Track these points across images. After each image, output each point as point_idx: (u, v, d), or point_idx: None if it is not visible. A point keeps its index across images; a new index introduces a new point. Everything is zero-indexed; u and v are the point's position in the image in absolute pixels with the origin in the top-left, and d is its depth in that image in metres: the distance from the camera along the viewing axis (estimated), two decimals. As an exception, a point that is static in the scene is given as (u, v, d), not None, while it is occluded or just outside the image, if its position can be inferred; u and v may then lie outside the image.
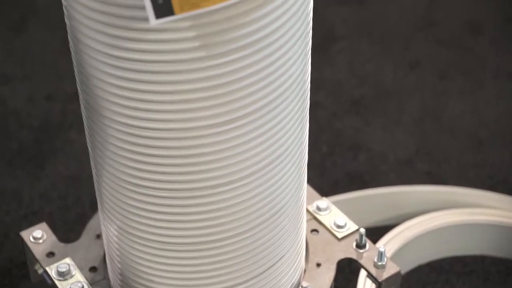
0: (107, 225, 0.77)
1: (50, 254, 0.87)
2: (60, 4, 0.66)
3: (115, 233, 0.76)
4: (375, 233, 1.08)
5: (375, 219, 1.14)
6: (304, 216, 0.82)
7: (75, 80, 0.73)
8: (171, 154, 0.66)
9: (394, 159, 1.26)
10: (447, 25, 1.50)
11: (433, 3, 1.55)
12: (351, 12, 1.53)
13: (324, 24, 1.50)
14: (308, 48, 0.72)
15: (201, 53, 0.61)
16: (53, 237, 0.88)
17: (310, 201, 0.92)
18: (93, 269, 0.86)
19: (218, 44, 0.61)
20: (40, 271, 0.88)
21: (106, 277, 0.85)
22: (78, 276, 0.83)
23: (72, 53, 0.69)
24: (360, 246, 0.87)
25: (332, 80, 1.40)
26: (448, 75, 1.40)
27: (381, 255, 0.85)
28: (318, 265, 0.86)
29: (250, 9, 0.61)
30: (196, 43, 0.61)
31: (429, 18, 1.52)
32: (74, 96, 1.34)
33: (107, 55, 0.63)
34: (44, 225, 0.90)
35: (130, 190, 0.70)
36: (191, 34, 0.60)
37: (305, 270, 0.86)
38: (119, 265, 0.79)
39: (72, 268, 0.83)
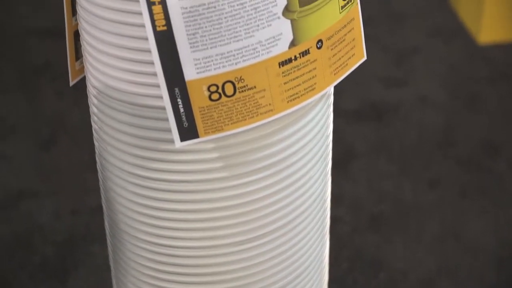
0: None
1: None
2: (88, 122, 0.69)
3: None
4: None
5: None
6: (325, 336, 0.81)
7: (100, 194, 0.75)
8: (193, 272, 0.67)
9: (415, 278, 1.25)
10: (466, 145, 1.52)
11: (451, 123, 1.58)
12: (370, 130, 1.57)
13: (344, 141, 1.53)
14: (328, 168, 0.74)
15: (224, 174, 0.63)
16: None
17: (330, 320, 0.91)
18: None
19: (240, 165, 0.64)
20: None
21: None
22: None
23: (99, 172, 0.72)
24: None
25: (352, 196, 1.41)
26: (468, 194, 1.41)
27: None
28: None
29: (272, 132, 0.64)
30: (219, 164, 0.63)
31: (447, 137, 1.54)
32: (99, 210, 1.36)
33: (133, 175, 0.65)
34: None
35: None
36: (214, 155, 0.63)
37: None
38: None
39: None
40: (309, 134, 0.67)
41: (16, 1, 1.95)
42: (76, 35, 0.68)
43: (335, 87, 0.65)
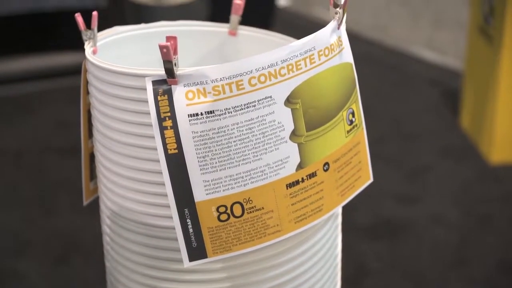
0: None
1: None
2: (101, 240, 0.70)
3: None
4: None
5: None
6: None
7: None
8: None
9: None
10: (479, 264, 1.51)
11: (464, 241, 1.57)
12: (383, 247, 1.56)
13: (357, 258, 1.53)
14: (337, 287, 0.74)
15: (232, 294, 0.64)
16: None
17: None
18: None
19: (248, 285, 0.64)
20: None
21: None
22: None
23: (109, 291, 0.72)
24: None
25: (365, 316, 1.39)
26: (483, 315, 1.39)
27: None
28: None
29: (279, 252, 0.64)
30: (227, 284, 0.63)
31: (461, 256, 1.53)
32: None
33: (142, 294, 0.66)
34: None
35: None
36: (222, 275, 0.63)
37: None
38: None
39: None
40: (317, 254, 0.67)
41: (41, 122, 2.01)
42: (92, 156, 0.70)
43: (348, 203, 0.66)
